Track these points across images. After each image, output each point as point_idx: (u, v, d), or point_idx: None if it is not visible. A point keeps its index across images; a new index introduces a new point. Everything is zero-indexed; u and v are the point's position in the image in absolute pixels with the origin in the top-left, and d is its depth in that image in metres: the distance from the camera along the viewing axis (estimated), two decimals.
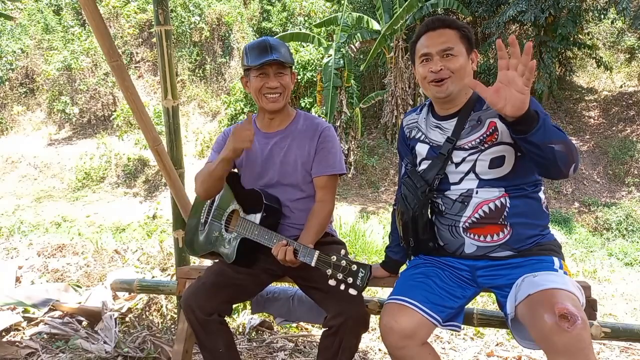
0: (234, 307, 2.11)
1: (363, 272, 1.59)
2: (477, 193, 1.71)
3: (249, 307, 3.09)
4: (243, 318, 3.30)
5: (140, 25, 16.29)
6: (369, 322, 1.93)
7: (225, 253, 2.01)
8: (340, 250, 1.67)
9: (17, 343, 2.82)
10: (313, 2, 16.31)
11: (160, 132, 2.95)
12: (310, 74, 13.75)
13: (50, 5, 16.89)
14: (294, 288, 2.41)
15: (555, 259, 1.68)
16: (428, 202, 1.78)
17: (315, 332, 3.18)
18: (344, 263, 1.61)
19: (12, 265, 4.23)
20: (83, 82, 15.44)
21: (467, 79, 1.74)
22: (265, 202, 1.96)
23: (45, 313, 3.22)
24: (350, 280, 1.59)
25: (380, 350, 2.94)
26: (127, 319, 3.26)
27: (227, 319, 2.00)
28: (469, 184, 1.72)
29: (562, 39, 12.65)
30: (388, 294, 1.81)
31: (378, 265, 2.11)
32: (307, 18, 16.37)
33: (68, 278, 4.18)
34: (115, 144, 14.26)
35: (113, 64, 2.33)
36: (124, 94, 2.43)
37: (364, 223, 9.07)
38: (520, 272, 1.63)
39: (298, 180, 2.05)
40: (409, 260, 1.97)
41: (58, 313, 3.23)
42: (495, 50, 13.95)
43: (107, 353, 2.72)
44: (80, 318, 3.17)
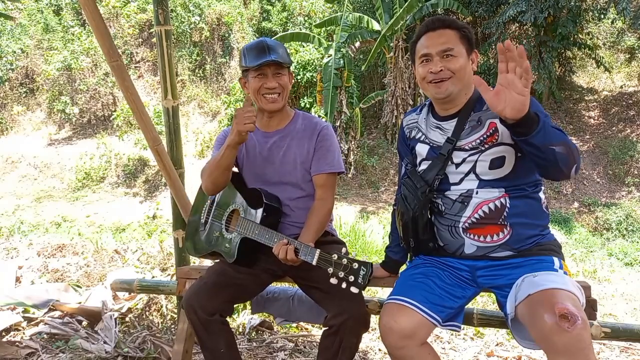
0: (234, 307, 2.11)
1: (364, 270, 1.59)
2: (477, 193, 1.71)
3: (249, 307, 3.09)
4: (243, 318, 3.30)
5: (140, 25, 16.30)
6: (369, 321, 1.93)
7: (226, 253, 2.01)
8: (341, 249, 1.67)
9: (17, 343, 2.82)
10: (313, 2, 16.31)
11: (160, 132, 2.95)
12: (310, 74, 13.74)
13: (50, 5, 16.89)
14: (294, 288, 2.42)
15: (555, 259, 1.68)
16: (428, 202, 1.78)
17: (315, 332, 3.18)
18: (345, 261, 1.61)
19: (12, 265, 4.23)
20: (83, 82, 15.45)
21: (468, 78, 1.75)
22: (266, 201, 1.96)
23: (45, 313, 3.22)
24: (352, 279, 1.59)
25: (380, 350, 2.94)
26: (127, 319, 3.26)
27: (227, 319, 2.01)
28: (469, 185, 1.73)
29: (562, 39, 12.65)
30: (388, 294, 1.81)
31: (378, 265, 2.11)
32: (307, 18, 16.37)
33: (68, 278, 4.18)
34: (115, 144, 14.26)
35: (113, 64, 2.34)
36: (124, 94, 2.43)
37: (364, 223, 9.07)
38: (520, 272, 1.63)
39: (297, 179, 2.06)
40: (409, 261, 1.98)
41: (58, 313, 3.23)
42: (495, 51, 13.97)
43: (107, 353, 2.72)
44: (80, 318, 3.16)
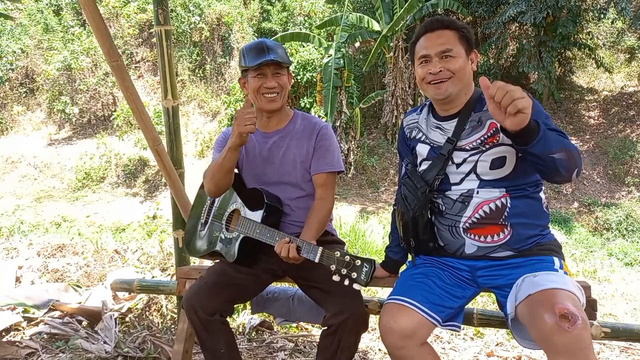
0: (234, 307, 2.11)
1: (367, 266, 1.60)
2: (477, 193, 1.71)
3: (249, 307, 3.09)
4: (243, 318, 3.30)
5: (140, 25, 16.29)
6: (368, 321, 1.93)
7: (227, 252, 2.01)
8: (342, 249, 1.67)
9: (17, 343, 2.82)
10: (313, 2, 16.30)
11: (160, 132, 2.95)
12: (310, 74, 13.74)
13: (50, 5, 16.89)
14: (294, 288, 2.41)
15: (556, 259, 1.68)
16: (428, 202, 1.78)
17: (315, 332, 3.18)
18: (348, 258, 1.61)
19: (12, 265, 4.23)
20: (83, 82, 15.44)
21: (467, 78, 1.75)
22: (267, 201, 1.97)
23: (45, 313, 3.22)
24: (355, 275, 1.59)
25: (380, 350, 2.93)
26: (127, 319, 3.26)
27: (228, 319, 2.01)
28: (470, 185, 1.73)
29: (562, 39, 12.65)
30: (388, 294, 1.81)
31: (378, 265, 2.10)
32: (307, 18, 16.37)
33: (68, 278, 4.18)
34: (115, 144, 14.26)
35: (113, 64, 2.34)
36: (124, 94, 2.43)
37: (364, 223, 9.07)
38: (521, 272, 1.63)
39: (297, 179, 2.06)
40: (409, 261, 1.98)
41: (58, 313, 3.23)
42: (495, 50, 13.98)
43: (107, 353, 2.72)
44: (80, 318, 3.16)
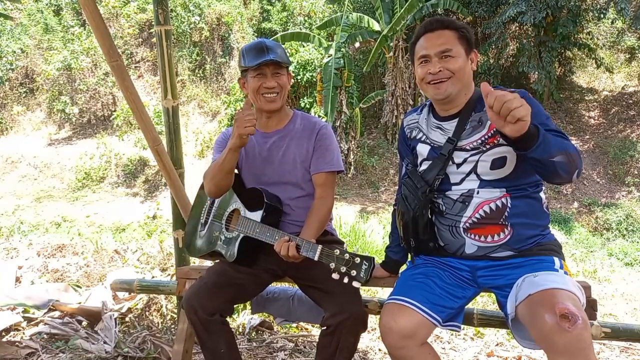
0: (234, 307, 2.11)
1: (366, 264, 1.60)
2: (478, 193, 1.71)
3: (249, 307, 3.09)
4: (243, 318, 3.30)
5: (140, 25, 16.29)
6: (367, 321, 1.93)
7: (227, 252, 2.01)
8: (342, 247, 1.67)
9: (17, 343, 2.82)
10: (313, 2, 16.30)
11: (160, 132, 2.95)
12: (310, 74, 13.74)
13: (50, 5, 16.89)
14: (294, 288, 2.41)
15: (556, 259, 1.68)
16: (428, 202, 1.78)
17: (315, 332, 3.18)
18: (347, 256, 1.62)
19: (12, 265, 4.22)
20: (83, 82, 15.44)
21: (467, 78, 1.75)
22: (266, 200, 1.97)
23: (45, 313, 3.22)
24: (354, 273, 1.59)
25: (380, 350, 2.93)
26: (127, 319, 3.26)
27: (228, 319, 2.01)
28: (470, 185, 1.73)
29: (562, 39, 12.64)
30: (388, 294, 1.81)
31: (378, 265, 2.10)
32: (307, 18, 16.37)
33: (68, 278, 4.18)
34: (115, 144, 14.26)
35: (113, 64, 2.34)
36: (124, 94, 2.43)
37: (364, 223, 9.07)
38: (521, 272, 1.63)
39: (297, 179, 2.06)
40: (409, 261, 1.97)
41: (58, 313, 3.23)
42: (495, 50, 13.97)
43: (107, 353, 2.72)
44: (80, 318, 3.16)
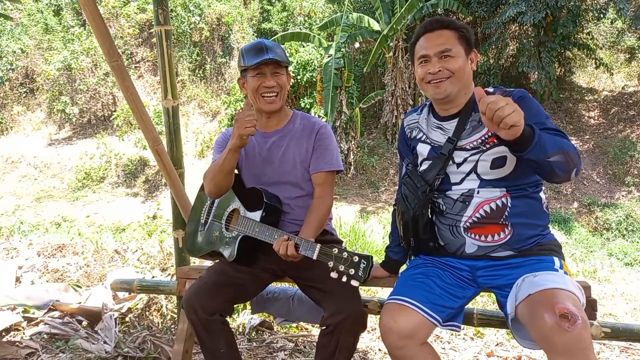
0: (234, 307, 2.12)
1: (365, 263, 1.60)
2: (478, 193, 1.71)
3: (249, 307, 3.09)
4: (243, 318, 3.30)
5: (140, 25, 16.29)
6: (367, 321, 1.93)
7: (227, 252, 2.01)
8: (341, 246, 1.67)
9: (17, 343, 2.82)
10: (313, 2, 16.30)
11: (160, 132, 2.96)
12: (310, 74, 13.73)
13: (50, 5, 16.88)
14: (294, 288, 2.42)
15: (556, 259, 1.68)
16: (428, 202, 1.79)
17: (315, 332, 3.18)
18: (346, 255, 1.62)
19: (12, 265, 4.23)
20: (83, 82, 15.44)
21: (467, 78, 1.75)
22: (266, 200, 1.97)
23: (45, 313, 3.22)
24: (352, 272, 1.60)
25: (380, 350, 2.93)
26: (127, 319, 3.26)
27: (227, 319, 2.01)
28: (471, 184, 1.73)
29: (562, 39, 12.64)
30: (388, 294, 1.81)
31: (378, 265, 2.11)
32: (307, 18, 16.36)
33: (68, 278, 4.18)
34: (115, 144, 14.26)
35: (113, 64, 2.34)
36: (124, 94, 2.44)
37: (364, 223, 9.06)
38: (521, 272, 1.64)
39: (297, 179, 2.07)
40: (409, 260, 1.98)
41: (58, 313, 3.23)
42: (495, 50, 13.96)
43: (107, 353, 2.72)
44: (80, 318, 3.17)
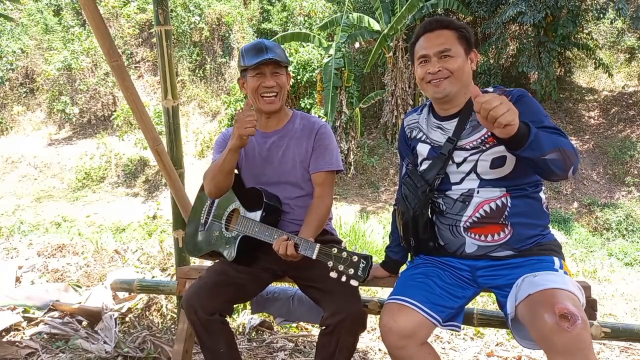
0: (234, 307, 2.12)
1: (364, 262, 1.60)
2: (478, 193, 1.71)
3: (249, 307, 3.09)
4: (243, 318, 3.30)
5: (140, 25, 16.29)
6: (367, 321, 1.93)
7: (226, 252, 2.01)
8: (341, 245, 1.67)
9: (17, 343, 2.82)
10: (313, 2, 16.30)
11: (160, 132, 2.96)
12: (310, 74, 13.73)
13: (50, 5, 16.88)
14: (294, 288, 2.42)
15: (556, 259, 1.68)
16: (428, 201, 1.79)
17: (315, 332, 3.18)
18: (345, 254, 1.62)
19: (12, 265, 4.23)
20: (83, 82, 15.44)
21: (467, 78, 1.75)
22: (266, 200, 1.97)
23: (45, 313, 3.22)
24: (352, 272, 1.60)
25: (381, 350, 2.94)
26: (127, 319, 3.26)
27: (227, 319, 2.01)
28: (470, 184, 1.73)
29: (562, 39, 12.64)
30: (388, 294, 1.81)
31: (378, 265, 2.11)
32: (307, 18, 16.36)
33: (68, 278, 4.18)
34: (115, 144, 14.25)
35: (113, 64, 2.34)
36: (124, 94, 2.44)
37: (364, 223, 9.06)
38: (521, 272, 1.64)
39: (297, 178, 2.07)
40: (409, 260, 1.98)
41: (58, 313, 3.23)
42: (495, 50, 13.96)
43: (107, 353, 2.72)
44: (80, 318, 3.17)
